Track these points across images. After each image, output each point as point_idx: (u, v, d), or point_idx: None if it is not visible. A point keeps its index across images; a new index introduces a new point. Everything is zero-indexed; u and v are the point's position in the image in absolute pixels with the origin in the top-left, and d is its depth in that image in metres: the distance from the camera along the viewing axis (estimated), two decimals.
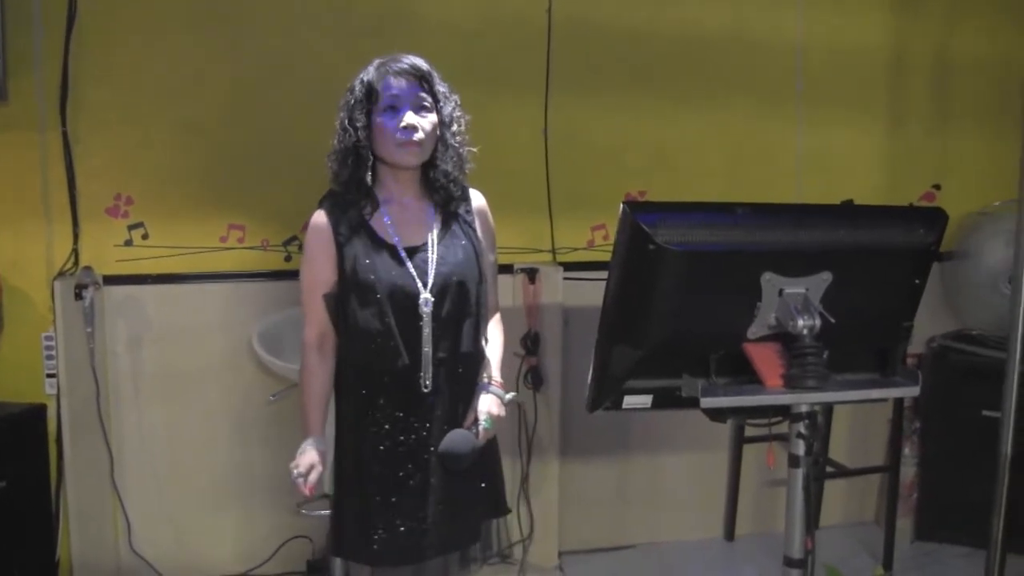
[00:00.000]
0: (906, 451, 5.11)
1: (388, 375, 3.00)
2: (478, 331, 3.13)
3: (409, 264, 3.00)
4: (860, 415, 5.25)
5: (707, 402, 2.69)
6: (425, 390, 3.00)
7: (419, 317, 2.98)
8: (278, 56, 4.48)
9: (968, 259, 5.00)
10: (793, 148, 5.08)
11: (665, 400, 2.85)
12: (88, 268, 4.36)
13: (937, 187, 5.26)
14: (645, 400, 2.84)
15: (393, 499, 3.03)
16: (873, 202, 5.06)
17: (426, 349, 2.99)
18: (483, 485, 3.17)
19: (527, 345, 4.71)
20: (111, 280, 4.46)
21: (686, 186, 4.92)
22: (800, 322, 2.66)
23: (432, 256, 3.03)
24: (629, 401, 2.84)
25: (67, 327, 4.33)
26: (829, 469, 4.97)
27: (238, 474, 4.64)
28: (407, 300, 2.98)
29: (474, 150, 3.17)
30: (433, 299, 2.99)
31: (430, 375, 3.00)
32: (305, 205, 4.33)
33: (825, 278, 2.73)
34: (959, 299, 5.15)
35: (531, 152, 4.75)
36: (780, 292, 2.71)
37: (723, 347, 2.78)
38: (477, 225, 3.18)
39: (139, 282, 4.50)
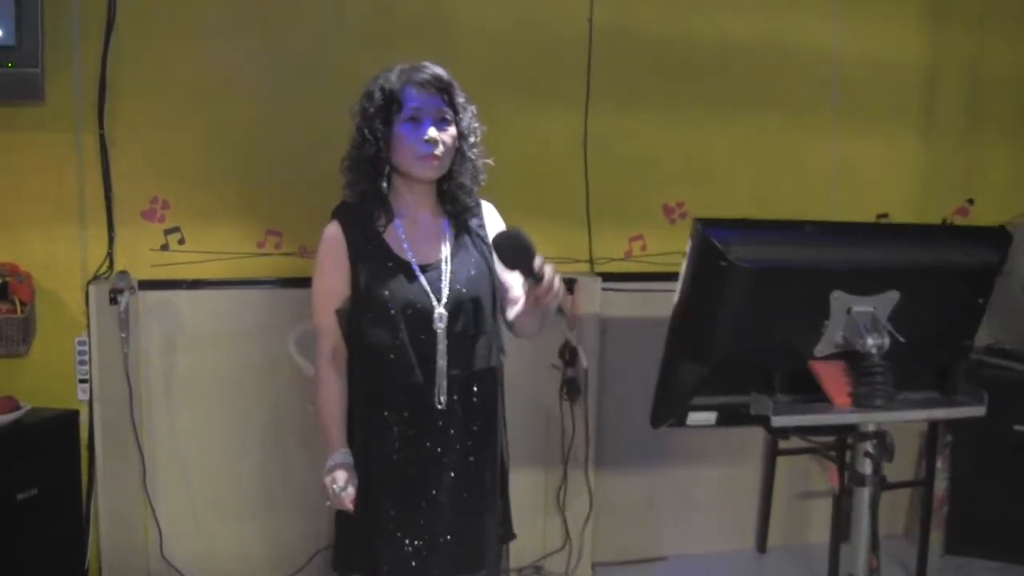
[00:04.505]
0: (938, 465, 5.08)
1: (401, 392, 2.94)
2: (492, 348, 3.07)
3: (423, 279, 2.94)
4: (890, 428, 5.23)
5: (778, 421, 2.67)
6: (439, 407, 2.94)
7: (433, 333, 2.92)
8: (316, 60, 4.45)
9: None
10: (828, 160, 5.07)
11: (729, 417, 2.83)
12: (124, 272, 4.32)
13: (971, 201, 5.25)
14: (709, 417, 2.82)
15: (403, 518, 2.97)
16: (907, 215, 5.08)
17: (440, 364, 2.93)
18: (491, 510, 3.11)
19: (564, 356, 4.68)
20: (146, 285, 4.41)
21: (722, 197, 4.92)
22: (869, 341, 2.66)
23: (446, 271, 2.98)
24: (693, 418, 2.81)
25: (101, 332, 4.31)
26: None
27: (271, 481, 4.61)
28: (421, 316, 2.92)
29: (490, 162, 3.09)
30: (447, 314, 2.94)
31: (444, 392, 2.94)
32: None
33: (892, 297, 2.72)
34: (991, 313, 5.13)
35: (569, 161, 4.73)
36: (848, 310, 2.70)
37: (788, 364, 2.76)
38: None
39: (174, 287, 4.47)
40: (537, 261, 2.76)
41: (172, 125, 4.41)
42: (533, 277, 2.78)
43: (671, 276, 4.84)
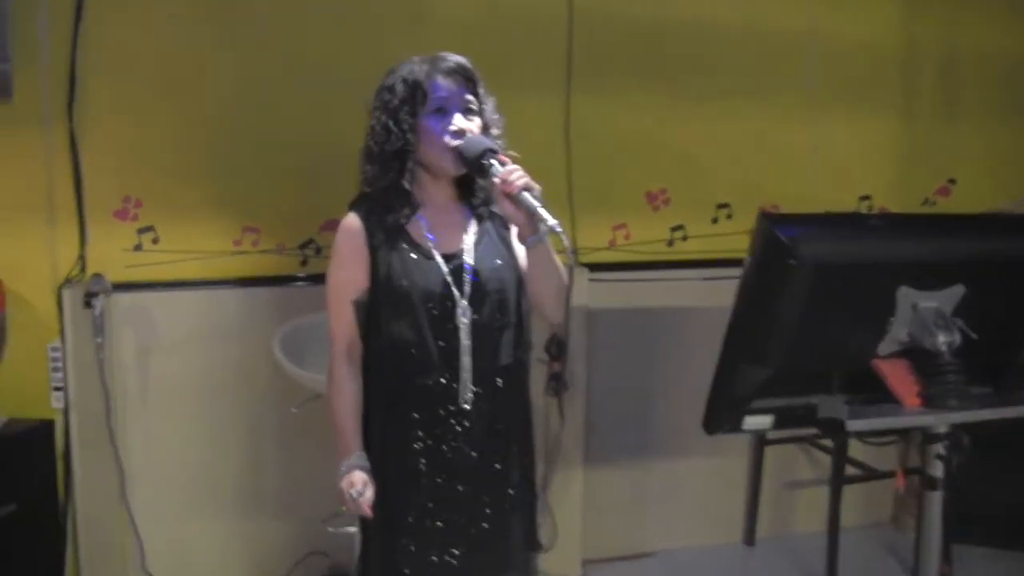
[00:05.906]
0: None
1: (423, 390, 2.79)
2: (519, 341, 2.92)
3: (446, 271, 2.80)
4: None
5: (853, 425, 2.58)
6: (464, 406, 2.80)
7: (456, 327, 2.79)
8: (293, 51, 4.27)
9: None
10: (809, 143, 5.01)
11: (787, 420, 2.74)
12: (99, 275, 4.13)
13: (952, 181, 5.22)
14: (766, 421, 2.72)
15: (426, 525, 2.83)
16: (888, 197, 5.08)
17: (465, 360, 2.79)
18: (516, 515, 2.98)
19: (550, 350, 4.55)
20: (120, 287, 4.20)
21: (705, 183, 4.89)
22: (941, 338, 2.57)
23: (469, 262, 2.84)
24: (749, 422, 2.71)
25: (76, 337, 4.12)
26: (853, 471, 4.84)
27: (253, 488, 4.45)
28: (443, 309, 2.78)
29: (515, 154, 2.85)
30: (471, 307, 2.81)
31: (469, 390, 2.80)
32: (322, 206, 4.20)
33: (958, 291, 2.65)
34: None
35: (551, 150, 4.60)
36: (914, 306, 2.61)
37: (849, 364, 2.68)
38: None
39: (149, 288, 4.27)
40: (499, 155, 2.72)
41: (145, 120, 4.20)
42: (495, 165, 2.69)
43: (656, 265, 4.82)
